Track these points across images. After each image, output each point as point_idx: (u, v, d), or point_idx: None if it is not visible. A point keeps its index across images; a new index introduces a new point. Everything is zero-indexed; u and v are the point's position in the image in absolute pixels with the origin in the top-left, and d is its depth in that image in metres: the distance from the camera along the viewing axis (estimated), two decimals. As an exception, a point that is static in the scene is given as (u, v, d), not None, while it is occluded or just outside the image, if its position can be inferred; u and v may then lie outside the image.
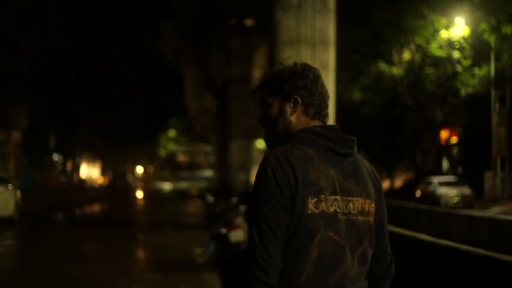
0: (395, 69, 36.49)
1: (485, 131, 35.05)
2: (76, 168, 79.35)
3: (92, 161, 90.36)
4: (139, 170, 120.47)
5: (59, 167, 69.81)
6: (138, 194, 64.78)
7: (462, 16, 33.84)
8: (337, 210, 2.72)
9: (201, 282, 12.46)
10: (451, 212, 15.00)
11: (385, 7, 34.66)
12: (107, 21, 63.85)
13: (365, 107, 38.76)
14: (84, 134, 67.32)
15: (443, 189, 33.96)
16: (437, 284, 5.77)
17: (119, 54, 66.96)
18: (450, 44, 34.68)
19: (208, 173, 58.89)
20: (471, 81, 34.39)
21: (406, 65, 36.75)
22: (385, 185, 46.71)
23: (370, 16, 35.09)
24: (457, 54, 34.57)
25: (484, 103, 34.77)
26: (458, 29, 34.25)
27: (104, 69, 64.06)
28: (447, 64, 35.21)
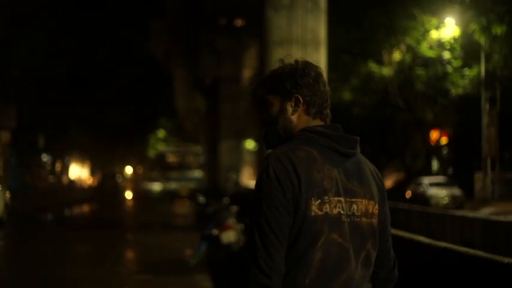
0: (385, 70, 36.46)
1: (476, 131, 35.05)
2: (65, 168, 79.10)
3: (81, 161, 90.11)
4: (128, 170, 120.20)
5: (48, 167, 69.55)
6: (127, 194, 64.62)
7: (452, 16, 33.85)
8: (341, 212, 2.66)
9: (193, 283, 12.38)
10: (444, 213, 14.96)
11: (375, 7, 34.65)
12: (96, 21, 63.70)
13: (355, 108, 38.70)
14: (73, 134, 67.09)
15: (433, 190, 33.95)
16: (436, 287, 5.71)
17: (109, 54, 66.84)
18: (440, 45, 34.68)
19: (198, 173, 58.70)
20: (461, 81, 34.41)
21: (396, 65, 36.72)
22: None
23: (360, 16, 35.05)
24: (448, 55, 34.58)
25: (474, 104, 34.76)
26: (449, 29, 34.26)
27: (93, 69, 63.91)
28: (437, 65, 35.21)
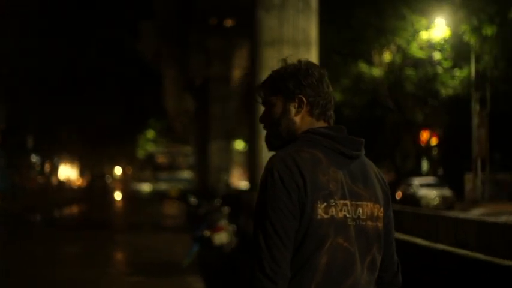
0: (375, 70, 36.47)
1: (466, 132, 35.10)
2: (54, 169, 78.94)
3: (70, 162, 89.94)
4: (117, 171, 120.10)
5: (37, 168, 69.42)
6: (116, 195, 64.46)
7: (442, 17, 33.86)
8: (347, 216, 2.59)
9: (185, 285, 12.30)
10: (436, 214, 14.91)
11: (365, 7, 34.64)
12: (85, 21, 63.58)
13: (345, 108, 38.67)
14: (62, 135, 66.98)
15: (423, 191, 33.93)
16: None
17: (98, 54, 66.73)
18: (430, 45, 34.70)
19: (187, 174, 58.72)
20: (451, 82, 34.45)
21: (386, 66, 36.73)
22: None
23: (350, 17, 35.03)
24: (438, 56, 34.60)
25: (464, 105, 34.82)
26: (439, 30, 34.27)
27: (83, 69, 63.81)
28: (427, 65, 35.23)
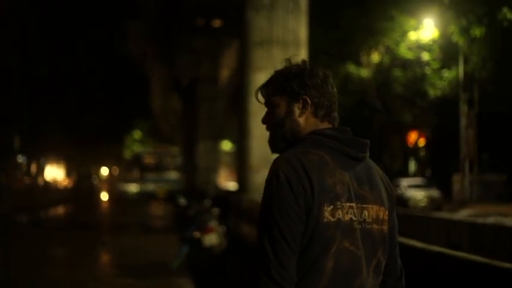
0: (363, 71, 36.50)
1: (454, 133, 35.17)
2: (41, 169, 78.71)
3: (57, 162, 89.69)
4: (104, 171, 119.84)
5: (24, 168, 69.20)
6: (103, 195, 64.24)
7: (431, 18, 33.88)
8: (353, 219, 2.55)
9: (175, 286, 12.21)
10: (428, 215, 14.90)
11: (354, 8, 34.61)
12: (72, 21, 63.42)
13: (333, 109, 38.63)
14: (49, 135, 66.77)
15: (411, 192, 33.96)
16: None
17: (85, 54, 66.63)
18: (419, 46, 34.72)
19: (174, 174, 58.63)
20: (440, 83, 34.49)
21: (374, 66, 36.75)
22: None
23: (339, 17, 35.01)
24: (426, 57, 34.62)
25: (452, 105, 34.89)
26: (427, 30, 34.30)
27: (69, 69, 63.63)
28: (416, 66, 35.26)
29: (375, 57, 36.70)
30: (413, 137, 41.13)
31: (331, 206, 2.48)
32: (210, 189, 27.14)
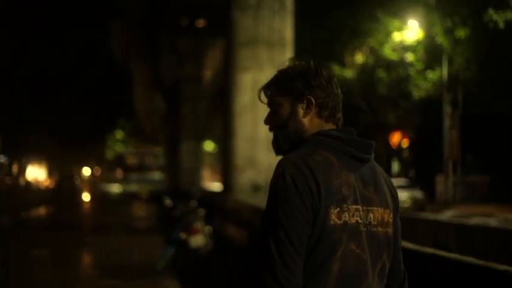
0: (347, 72, 36.49)
1: (438, 134, 35.27)
2: (22, 170, 78.34)
3: (39, 162, 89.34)
4: (86, 171, 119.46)
5: (5, 168, 68.87)
6: (85, 196, 63.90)
7: (415, 19, 33.93)
8: (359, 221, 2.51)
9: (161, 288, 12.15)
10: (415, 217, 14.86)
11: (343, 9, 34.60)
12: (55, 21, 63.17)
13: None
14: (30, 135, 66.48)
15: (395, 193, 33.94)
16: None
17: (67, 53, 66.38)
18: (403, 47, 34.76)
19: (157, 175, 58.44)
20: (424, 84, 34.54)
21: (358, 67, 36.77)
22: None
23: (326, 17, 34.99)
24: (410, 57, 34.67)
25: (436, 106, 34.96)
26: (412, 31, 34.35)
27: (51, 68, 63.41)
28: (400, 67, 35.30)
29: (359, 57, 36.72)
30: (396, 137, 41.20)
31: (338, 209, 2.45)
32: (195, 190, 27.04)
